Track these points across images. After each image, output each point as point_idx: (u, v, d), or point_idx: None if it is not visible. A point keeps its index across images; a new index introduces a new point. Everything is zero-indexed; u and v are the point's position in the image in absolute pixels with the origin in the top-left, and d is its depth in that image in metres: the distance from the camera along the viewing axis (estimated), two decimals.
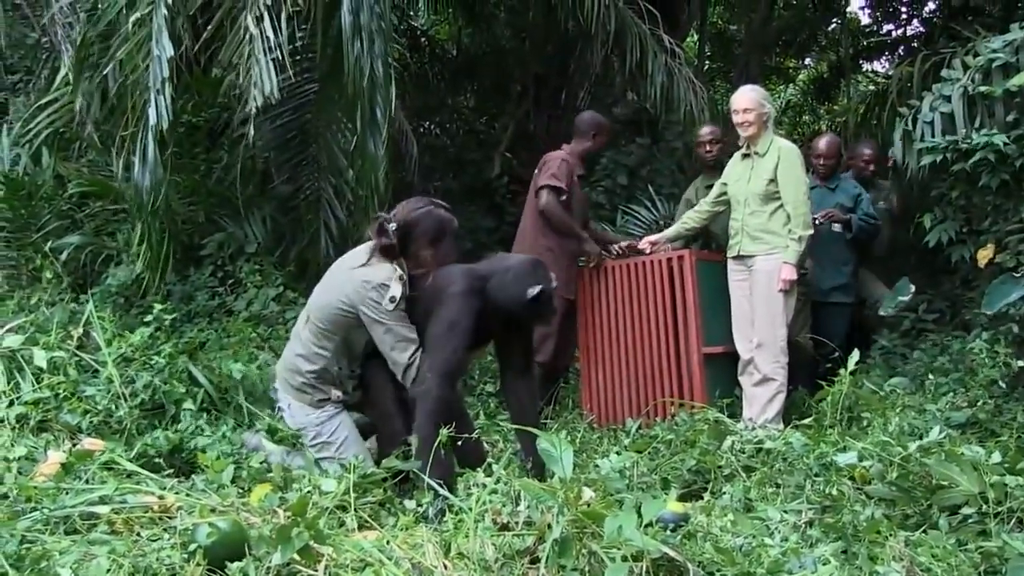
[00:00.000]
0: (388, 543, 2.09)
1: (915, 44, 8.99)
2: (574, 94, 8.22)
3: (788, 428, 3.63)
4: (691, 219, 4.59)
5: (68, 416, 3.25)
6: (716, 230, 4.73)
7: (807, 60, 12.72)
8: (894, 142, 4.77)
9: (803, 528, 2.43)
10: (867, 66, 11.41)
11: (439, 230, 3.15)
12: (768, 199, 4.17)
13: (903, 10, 9.89)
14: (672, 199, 6.35)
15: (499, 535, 2.02)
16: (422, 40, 8.97)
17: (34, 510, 2.26)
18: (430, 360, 2.91)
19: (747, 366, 4.17)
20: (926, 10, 9.52)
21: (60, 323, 3.94)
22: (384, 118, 4.59)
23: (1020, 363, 3.67)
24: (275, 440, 3.19)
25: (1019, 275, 3.72)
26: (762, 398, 4.07)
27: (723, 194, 4.43)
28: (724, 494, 2.81)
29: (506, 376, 3.35)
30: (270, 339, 4.64)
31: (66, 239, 5.30)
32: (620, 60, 6.78)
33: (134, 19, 4.40)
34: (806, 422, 3.67)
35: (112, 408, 3.32)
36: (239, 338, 4.52)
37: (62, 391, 3.37)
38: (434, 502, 2.46)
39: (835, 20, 10.85)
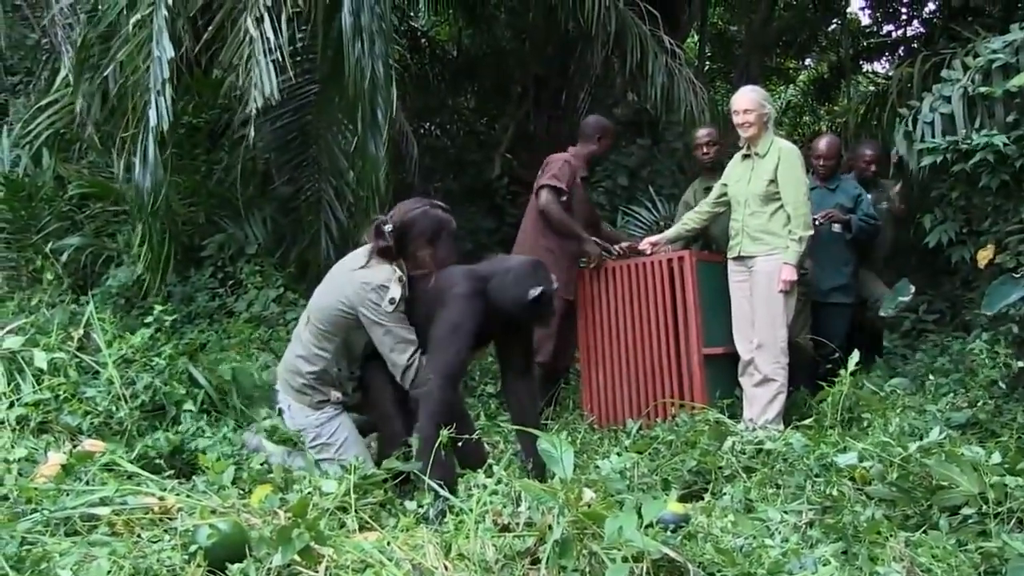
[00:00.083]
0: (389, 544, 2.09)
1: (915, 45, 9.00)
2: (574, 95, 8.22)
3: (788, 429, 3.63)
4: (691, 220, 4.59)
5: (68, 417, 3.25)
6: (715, 232, 4.73)
7: (807, 61, 12.74)
8: (894, 143, 4.77)
9: (803, 529, 2.43)
10: (867, 67, 11.43)
11: (436, 230, 3.15)
12: (768, 200, 4.17)
13: (903, 11, 9.90)
14: (672, 200, 6.35)
15: (500, 536, 2.02)
16: (422, 41, 8.97)
17: (34, 511, 2.26)
18: (433, 361, 2.91)
19: (747, 367, 4.17)
20: (926, 11, 9.54)
21: (60, 324, 3.94)
22: (385, 119, 4.59)
23: (1020, 364, 3.67)
24: (275, 440, 3.20)
25: (1019, 276, 3.71)
26: (762, 399, 4.07)
27: (723, 195, 4.43)
28: (724, 495, 2.81)
29: (506, 377, 3.35)
30: (271, 340, 4.64)
31: (66, 240, 5.31)
32: (620, 61, 6.79)
33: (134, 20, 4.40)
34: (806, 423, 3.67)
35: (112, 409, 3.32)
36: (239, 339, 4.53)
37: (62, 392, 3.37)
38: (435, 503, 2.46)
39: (835, 21, 10.87)
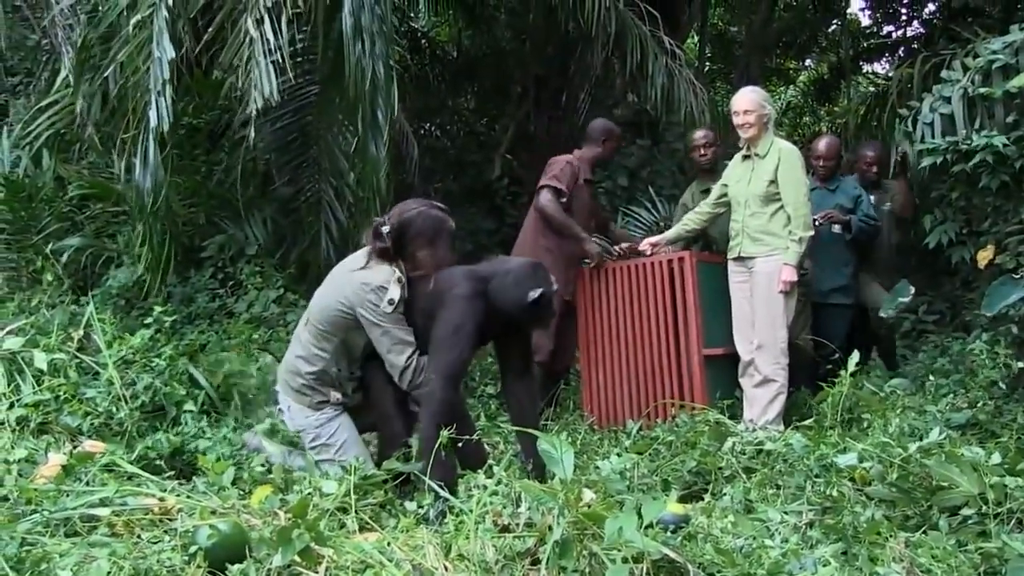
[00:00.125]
0: (389, 545, 2.09)
1: (915, 45, 9.01)
2: (574, 96, 8.22)
3: (788, 429, 3.63)
4: (692, 220, 4.59)
5: (69, 418, 3.26)
6: (714, 234, 4.74)
7: (807, 61, 12.74)
8: (895, 143, 4.77)
9: (803, 529, 2.43)
10: (867, 67, 11.44)
11: (433, 230, 3.14)
12: (768, 200, 4.17)
13: (903, 12, 9.92)
14: (672, 200, 6.35)
15: (500, 537, 2.03)
16: (423, 42, 8.97)
17: (34, 512, 2.26)
18: (434, 362, 2.91)
19: (747, 367, 4.17)
20: (926, 11, 9.55)
21: (61, 325, 3.95)
22: (386, 120, 4.59)
23: (1020, 364, 3.67)
24: (275, 441, 3.20)
25: (1019, 276, 3.71)
26: (763, 399, 4.07)
27: (723, 195, 4.42)
28: (724, 495, 2.81)
29: (505, 378, 3.35)
30: (271, 341, 4.64)
31: (67, 241, 5.31)
32: (620, 62, 6.79)
33: (135, 21, 4.40)
34: (806, 423, 3.68)
35: (113, 410, 3.33)
36: (240, 340, 4.53)
37: (63, 393, 3.37)
38: (435, 504, 2.46)
39: (835, 21, 10.88)
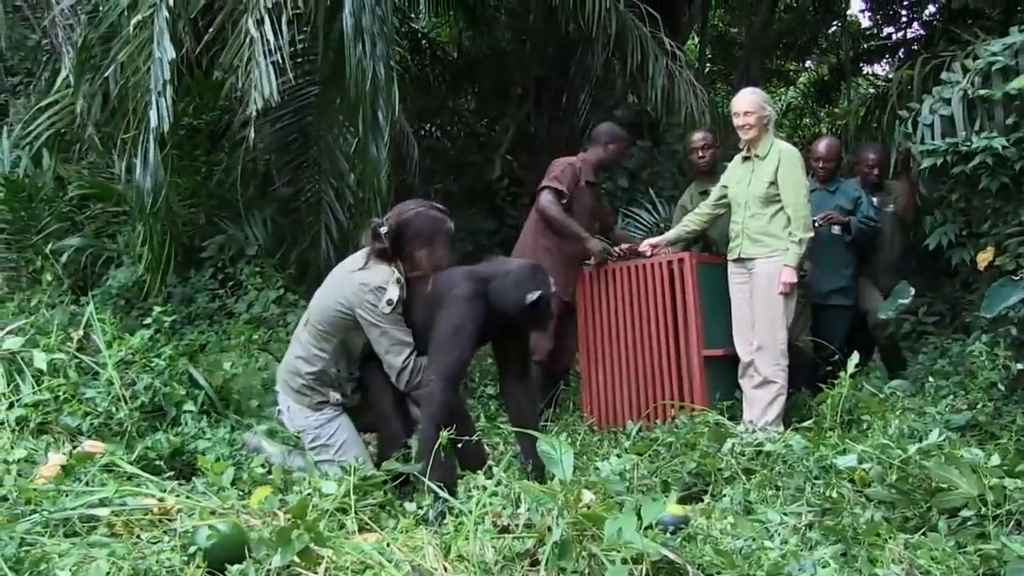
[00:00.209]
0: (388, 545, 2.09)
1: (915, 47, 9.00)
2: (575, 97, 8.22)
3: (788, 431, 3.63)
4: (691, 222, 4.59)
5: (68, 418, 3.25)
6: (713, 235, 4.74)
7: (807, 63, 12.75)
8: (894, 144, 4.76)
9: (803, 530, 2.43)
10: (867, 69, 11.44)
11: (431, 231, 3.14)
12: (768, 202, 4.17)
13: (903, 13, 9.92)
14: (672, 202, 6.34)
15: (499, 537, 2.03)
16: (423, 43, 8.97)
17: (34, 512, 2.26)
18: (435, 363, 2.90)
19: (747, 368, 4.17)
20: (926, 13, 9.55)
21: (60, 325, 3.94)
22: (386, 121, 4.59)
23: (1019, 366, 3.66)
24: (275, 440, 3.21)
25: (1018, 278, 3.70)
26: (762, 400, 4.07)
27: (723, 196, 4.42)
28: (724, 496, 2.81)
29: (504, 379, 3.35)
30: (270, 342, 4.64)
31: (66, 241, 5.31)
32: (621, 63, 6.80)
33: (135, 21, 4.41)
34: (806, 425, 3.68)
35: (112, 410, 3.32)
36: (239, 340, 4.53)
37: (62, 393, 3.37)
38: (434, 504, 2.46)
39: (835, 23, 10.87)
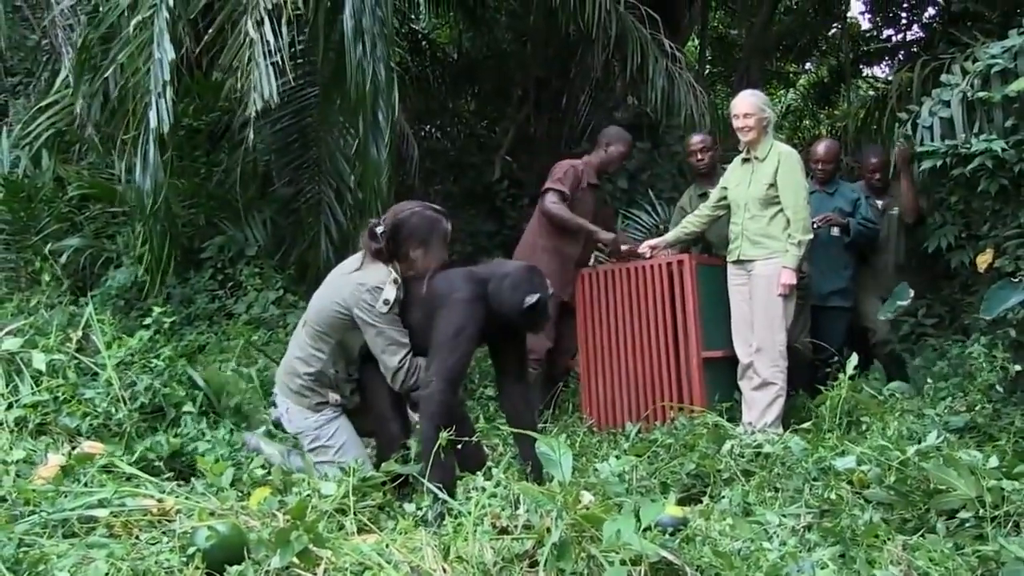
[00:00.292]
0: (387, 547, 2.08)
1: (915, 49, 9.00)
2: (575, 98, 8.22)
3: (787, 432, 3.64)
4: (691, 223, 4.59)
5: (67, 419, 3.25)
6: (712, 238, 4.74)
7: (808, 65, 12.73)
8: (893, 145, 4.76)
9: (801, 532, 2.43)
10: (867, 71, 11.42)
11: (427, 230, 3.13)
12: (768, 203, 4.17)
13: (903, 15, 9.91)
14: (672, 203, 6.32)
15: (498, 539, 2.03)
16: (423, 43, 8.97)
17: (32, 513, 2.25)
18: (436, 365, 2.90)
19: (746, 370, 4.17)
20: (926, 15, 9.54)
21: (59, 326, 3.94)
22: (387, 122, 4.60)
23: (1017, 367, 3.67)
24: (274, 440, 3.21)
25: (1018, 280, 3.71)
26: (761, 402, 4.07)
27: (723, 198, 4.43)
28: (723, 498, 2.81)
29: (502, 381, 3.35)
30: (270, 343, 4.64)
31: (66, 241, 5.31)
32: (621, 64, 6.79)
33: (135, 22, 4.41)
34: (805, 426, 3.68)
35: (111, 411, 3.31)
36: (239, 342, 4.52)
37: (61, 394, 3.36)
38: (433, 506, 2.46)
39: (836, 25, 10.86)
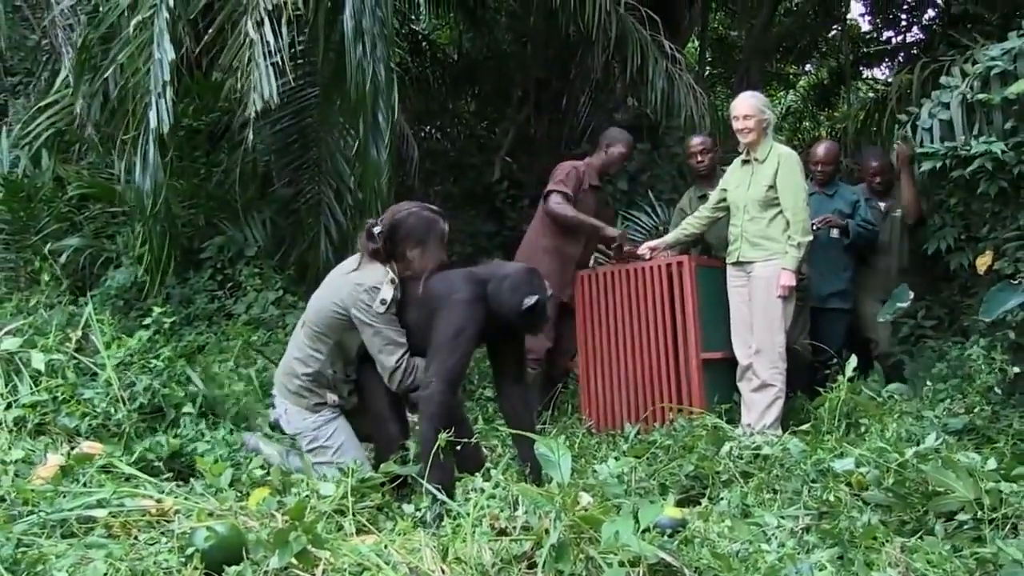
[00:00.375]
0: (386, 547, 2.08)
1: (915, 51, 9.01)
2: (575, 99, 8.22)
3: (786, 434, 3.64)
4: (691, 225, 4.59)
5: (66, 419, 3.24)
6: (711, 239, 4.75)
7: (807, 66, 12.73)
8: (893, 148, 4.76)
9: (800, 534, 2.43)
10: (867, 73, 11.44)
11: (424, 231, 3.13)
12: (767, 205, 4.18)
13: (903, 17, 9.92)
14: (672, 204, 6.32)
15: (497, 540, 2.03)
16: (423, 44, 8.97)
17: (31, 513, 2.25)
18: (435, 365, 2.89)
19: (746, 372, 4.18)
20: (926, 17, 9.56)
21: (59, 325, 3.94)
22: (387, 123, 4.60)
23: (1016, 369, 3.66)
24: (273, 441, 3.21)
25: (1017, 282, 3.71)
26: (760, 404, 4.07)
27: (723, 200, 4.43)
28: (722, 500, 2.81)
29: (500, 383, 3.34)
30: (269, 343, 4.64)
31: (65, 241, 5.31)
32: (621, 65, 6.81)
33: (135, 22, 4.41)
34: (804, 428, 3.69)
35: (111, 411, 3.31)
36: (238, 342, 4.52)
37: (60, 394, 3.36)
38: (432, 507, 2.46)
39: (835, 27, 10.88)
